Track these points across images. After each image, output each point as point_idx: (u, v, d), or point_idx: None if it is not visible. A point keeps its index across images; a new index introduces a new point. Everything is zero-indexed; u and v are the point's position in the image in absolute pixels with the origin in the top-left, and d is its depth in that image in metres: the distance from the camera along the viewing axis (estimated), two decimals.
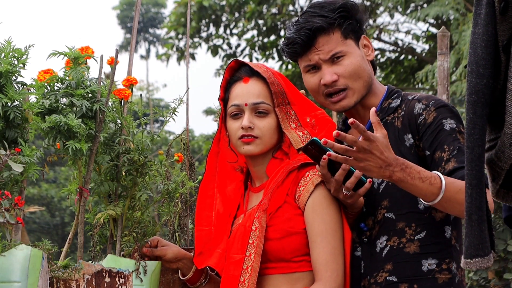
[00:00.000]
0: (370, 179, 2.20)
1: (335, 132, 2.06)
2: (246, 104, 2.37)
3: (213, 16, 15.06)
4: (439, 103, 2.27)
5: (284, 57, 2.51)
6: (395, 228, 2.26)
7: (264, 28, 14.87)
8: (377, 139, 2.06)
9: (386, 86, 2.43)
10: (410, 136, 2.27)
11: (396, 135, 2.29)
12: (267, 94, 2.38)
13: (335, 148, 2.05)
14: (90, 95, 2.36)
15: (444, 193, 2.09)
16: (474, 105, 1.50)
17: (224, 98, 2.46)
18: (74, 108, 2.32)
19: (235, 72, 2.44)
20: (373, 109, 2.10)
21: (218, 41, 15.59)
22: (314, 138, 2.21)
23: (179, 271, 2.55)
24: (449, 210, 2.17)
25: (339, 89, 2.31)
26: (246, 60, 15.20)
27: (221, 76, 2.54)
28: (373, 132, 2.11)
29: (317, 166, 2.24)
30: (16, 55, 2.31)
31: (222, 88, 2.47)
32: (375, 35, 14.03)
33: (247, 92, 2.38)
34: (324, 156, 2.17)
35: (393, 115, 2.33)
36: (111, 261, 2.33)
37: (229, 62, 2.45)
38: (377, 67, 2.48)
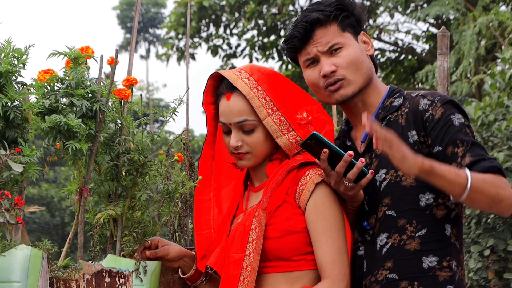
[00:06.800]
0: (372, 170, 2.23)
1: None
2: (230, 124, 2.37)
3: (213, 16, 15.07)
4: (445, 99, 2.28)
5: (285, 57, 2.52)
6: (396, 226, 2.27)
7: (264, 28, 14.88)
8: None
9: (389, 86, 2.44)
10: (414, 132, 2.28)
11: (400, 132, 2.30)
12: (250, 109, 2.35)
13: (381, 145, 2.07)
14: (90, 95, 2.36)
15: (472, 183, 2.10)
16: None
17: (214, 103, 2.46)
18: (74, 108, 2.32)
19: (221, 82, 2.43)
20: (365, 116, 2.10)
21: (218, 41, 15.60)
22: (314, 132, 2.22)
23: (180, 269, 2.55)
24: (476, 203, 2.17)
25: (337, 79, 2.33)
26: (246, 60, 15.25)
27: None
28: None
29: (316, 160, 2.25)
30: (16, 55, 2.31)
31: (208, 94, 2.47)
32: (375, 35, 14.04)
33: (229, 110, 2.36)
34: (325, 149, 2.19)
35: (396, 113, 2.34)
36: (111, 261, 2.32)
37: (211, 73, 2.45)
38: (378, 67, 2.49)
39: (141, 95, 2.63)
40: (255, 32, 15.24)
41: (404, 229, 2.26)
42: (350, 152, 2.19)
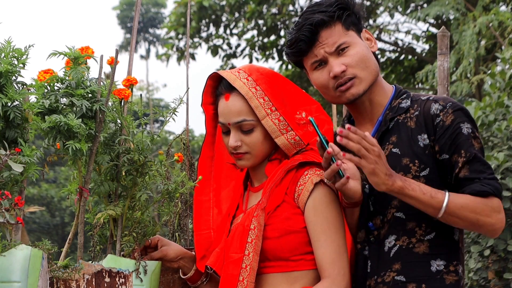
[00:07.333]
0: (348, 175, 2.19)
1: (339, 130, 2.13)
2: (229, 124, 2.37)
3: (213, 16, 15.07)
4: (456, 106, 2.28)
5: (288, 60, 2.51)
6: (405, 228, 2.27)
7: (264, 28, 14.88)
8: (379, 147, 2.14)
9: (393, 86, 2.43)
10: (425, 136, 2.27)
11: (409, 135, 2.29)
12: (249, 109, 2.34)
13: (349, 146, 2.10)
14: (90, 95, 2.36)
15: (447, 208, 2.16)
16: None
17: (213, 103, 2.46)
18: (74, 108, 2.32)
19: (220, 82, 2.43)
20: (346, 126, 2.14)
21: (218, 41, 15.60)
22: (310, 118, 2.21)
23: (180, 270, 2.56)
24: (453, 224, 2.22)
25: (348, 79, 2.32)
26: (246, 60, 15.25)
27: None
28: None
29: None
30: (16, 55, 2.31)
31: (207, 94, 2.46)
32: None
33: (228, 111, 2.36)
34: (317, 138, 2.20)
35: (404, 115, 2.33)
36: (111, 261, 2.33)
37: (209, 74, 2.45)
38: (380, 64, 2.49)
39: (141, 95, 2.63)
40: (255, 32, 15.24)
41: (413, 232, 2.26)
42: (329, 149, 2.15)
